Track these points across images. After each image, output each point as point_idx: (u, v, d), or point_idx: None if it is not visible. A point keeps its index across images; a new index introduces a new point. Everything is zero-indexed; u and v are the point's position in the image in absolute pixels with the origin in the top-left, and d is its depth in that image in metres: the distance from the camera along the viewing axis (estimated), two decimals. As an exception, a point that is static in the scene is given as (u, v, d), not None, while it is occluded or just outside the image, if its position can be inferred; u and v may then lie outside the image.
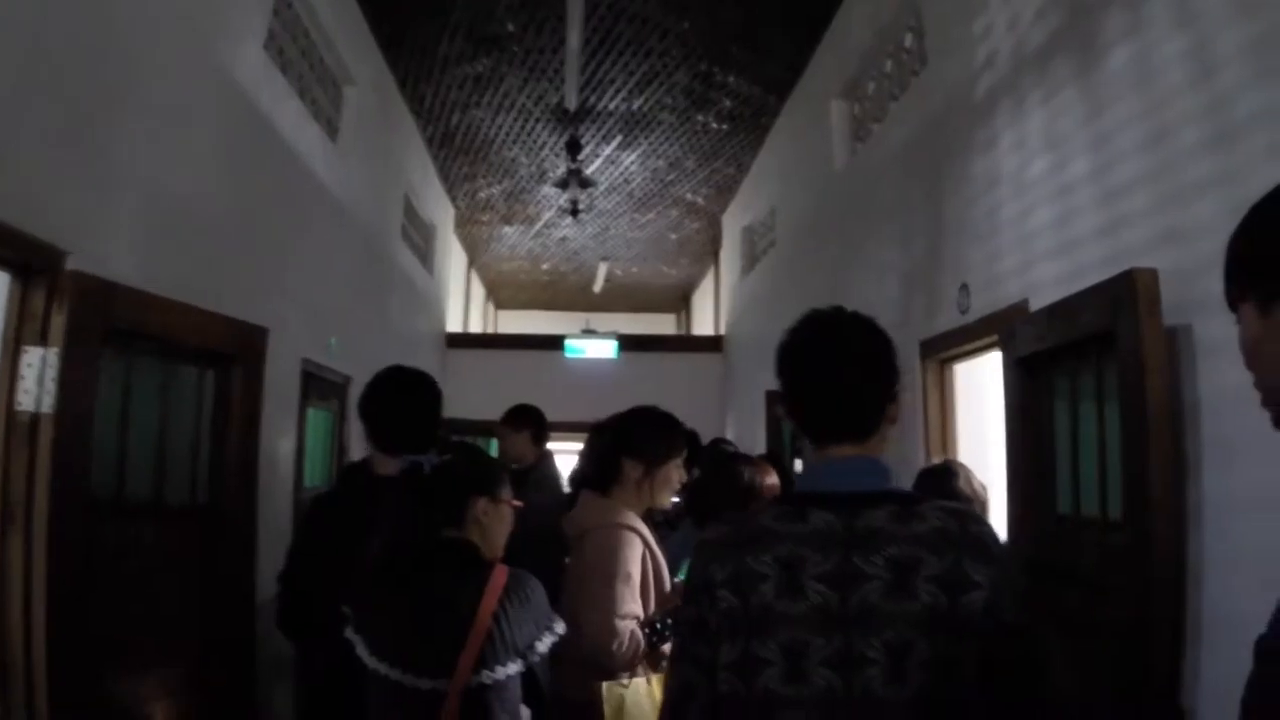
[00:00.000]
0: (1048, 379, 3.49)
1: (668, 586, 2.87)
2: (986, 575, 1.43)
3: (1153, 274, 2.76)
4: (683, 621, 1.61)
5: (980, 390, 4.71)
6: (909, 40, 5.41)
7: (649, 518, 2.96)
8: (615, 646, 2.58)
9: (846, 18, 6.35)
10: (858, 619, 1.43)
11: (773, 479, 3.28)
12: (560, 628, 2.37)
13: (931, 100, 4.86)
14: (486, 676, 2.21)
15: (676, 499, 3.27)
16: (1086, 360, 3.19)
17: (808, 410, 1.64)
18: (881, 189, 5.63)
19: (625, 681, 2.58)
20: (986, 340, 4.12)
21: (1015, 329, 3.60)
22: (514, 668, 2.25)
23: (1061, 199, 3.46)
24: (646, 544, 2.81)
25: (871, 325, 1.66)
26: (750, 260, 10.02)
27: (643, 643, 2.64)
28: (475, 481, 2.47)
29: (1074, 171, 3.37)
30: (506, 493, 2.53)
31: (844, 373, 1.60)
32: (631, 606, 2.66)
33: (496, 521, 2.48)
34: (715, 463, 3.64)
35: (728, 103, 8.02)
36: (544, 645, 2.32)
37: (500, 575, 2.31)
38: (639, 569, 2.74)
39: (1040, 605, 3.24)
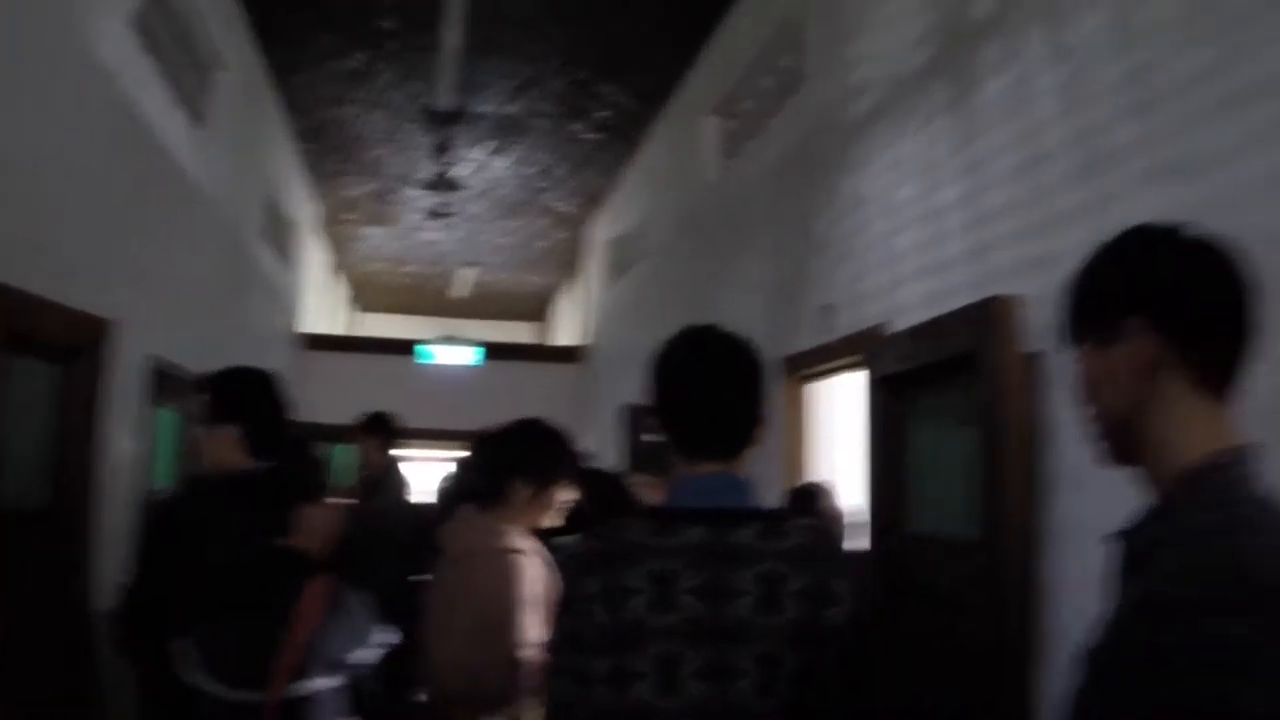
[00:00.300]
0: (911, 399, 3.57)
1: None
2: (846, 589, 1.49)
3: (1014, 301, 2.85)
4: (557, 635, 1.59)
5: (832, 409, 4.81)
6: (787, 60, 5.50)
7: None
8: (522, 680, 2.50)
9: (726, 35, 6.41)
10: (729, 632, 1.45)
11: None
12: (383, 638, 2.32)
13: (806, 119, 4.94)
14: (303, 688, 2.15)
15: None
16: (948, 383, 3.27)
17: (681, 425, 1.65)
18: (753, 205, 5.70)
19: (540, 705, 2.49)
20: (849, 359, 4.18)
21: (879, 349, 3.68)
22: (330, 680, 2.20)
23: (930, 223, 3.54)
24: (542, 561, 2.66)
25: (748, 346, 1.67)
26: (617, 272, 10.03)
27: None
28: (300, 487, 2.45)
29: (944, 196, 3.45)
30: (331, 496, 2.49)
31: (719, 391, 1.62)
32: (533, 634, 2.56)
33: (323, 526, 2.42)
34: (607, 486, 3.53)
35: (603, 113, 8.01)
36: (361, 657, 2.27)
37: (319, 585, 2.26)
38: (536, 590, 2.58)
39: (899, 623, 3.30)
